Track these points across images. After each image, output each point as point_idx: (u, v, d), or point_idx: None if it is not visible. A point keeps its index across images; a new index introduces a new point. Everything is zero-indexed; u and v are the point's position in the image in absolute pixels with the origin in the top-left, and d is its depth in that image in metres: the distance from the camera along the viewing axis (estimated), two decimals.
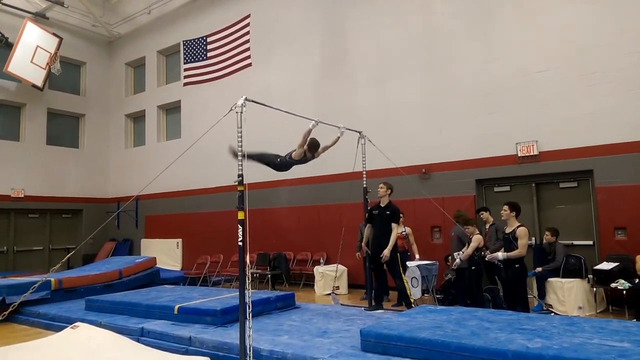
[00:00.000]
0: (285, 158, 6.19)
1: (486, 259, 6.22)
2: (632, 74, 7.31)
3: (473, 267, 6.56)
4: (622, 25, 7.44)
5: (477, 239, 6.56)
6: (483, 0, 8.82)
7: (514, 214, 5.89)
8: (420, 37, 9.52)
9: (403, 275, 6.74)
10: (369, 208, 7.01)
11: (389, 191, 6.78)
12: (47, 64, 13.33)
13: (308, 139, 5.92)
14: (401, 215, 7.03)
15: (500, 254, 5.86)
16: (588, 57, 7.67)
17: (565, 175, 7.97)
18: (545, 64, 8.05)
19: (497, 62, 8.55)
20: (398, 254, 6.72)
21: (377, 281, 6.84)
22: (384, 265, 6.63)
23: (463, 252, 6.65)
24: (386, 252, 6.41)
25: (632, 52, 7.31)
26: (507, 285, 6.04)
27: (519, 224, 5.88)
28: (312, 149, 6.04)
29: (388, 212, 6.63)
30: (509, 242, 5.86)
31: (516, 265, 5.79)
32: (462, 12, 9.02)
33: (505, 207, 5.93)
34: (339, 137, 6.46)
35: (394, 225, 6.57)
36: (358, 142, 7.25)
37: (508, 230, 5.92)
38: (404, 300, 6.76)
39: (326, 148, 6.34)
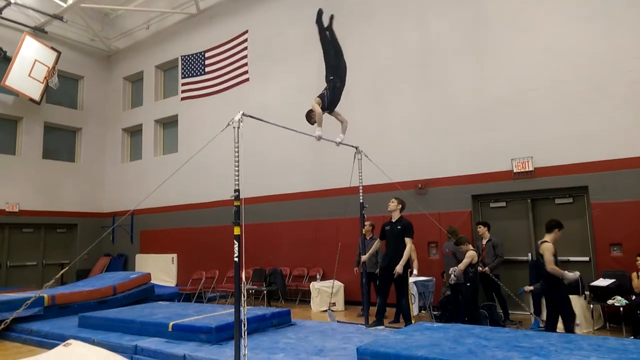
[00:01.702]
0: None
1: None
2: (626, 92, 7.40)
3: (468, 284, 6.52)
4: (615, 44, 7.55)
5: (470, 255, 6.54)
6: (478, 20, 8.95)
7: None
8: (416, 55, 9.63)
9: (410, 295, 6.64)
10: (382, 224, 6.96)
11: (400, 206, 6.74)
12: (45, 77, 13.37)
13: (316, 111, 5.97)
14: None
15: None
16: (582, 75, 7.77)
17: (561, 191, 8.01)
18: (539, 81, 8.14)
19: (492, 80, 8.65)
20: (409, 271, 6.68)
21: (380, 297, 6.74)
22: (392, 282, 6.54)
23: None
24: (398, 268, 6.34)
25: (626, 71, 7.41)
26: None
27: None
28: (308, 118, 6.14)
29: (399, 227, 6.58)
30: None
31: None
32: (458, 31, 9.15)
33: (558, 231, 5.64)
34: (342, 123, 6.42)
35: (407, 240, 6.48)
36: (354, 157, 7.28)
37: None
38: (406, 320, 6.61)
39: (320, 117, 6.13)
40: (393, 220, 6.75)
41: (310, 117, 6.11)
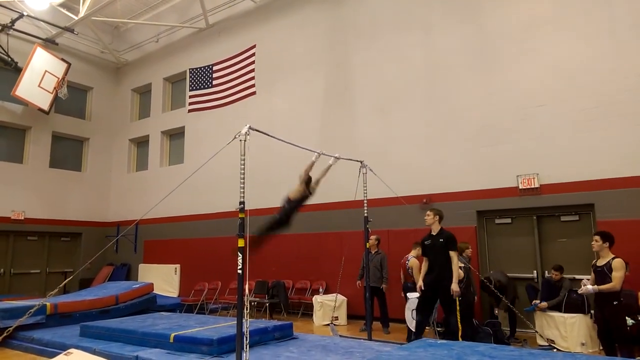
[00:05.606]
0: (285, 205, 6.26)
1: (579, 292, 5.62)
2: (632, 110, 7.39)
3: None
4: (621, 61, 7.57)
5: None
6: (483, 36, 9.01)
7: (607, 244, 5.44)
8: (421, 71, 9.69)
9: (458, 315, 6.13)
10: (421, 239, 6.51)
11: (437, 217, 6.30)
12: (55, 88, 13.55)
13: (309, 171, 5.92)
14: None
15: (591, 287, 5.35)
16: (588, 92, 7.78)
17: (567, 209, 7.96)
18: (545, 98, 8.16)
19: (497, 96, 8.67)
20: (418, 287, 6.37)
21: (420, 315, 6.29)
22: (437, 299, 6.19)
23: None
24: (454, 287, 5.88)
25: (631, 89, 7.42)
26: (604, 323, 5.44)
27: (613, 255, 5.41)
28: (306, 184, 6.14)
29: (441, 240, 6.14)
30: (604, 275, 5.34)
31: (614, 303, 5.31)
32: (463, 47, 9.20)
33: (597, 238, 5.47)
34: (330, 166, 6.48)
35: (452, 253, 6.00)
36: (359, 171, 7.31)
37: (600, 262, 5.46)
38: (453, 339, 6.01)
39: (318, 181, 6.31)
40: (433, 234, 6.30)
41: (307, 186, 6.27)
